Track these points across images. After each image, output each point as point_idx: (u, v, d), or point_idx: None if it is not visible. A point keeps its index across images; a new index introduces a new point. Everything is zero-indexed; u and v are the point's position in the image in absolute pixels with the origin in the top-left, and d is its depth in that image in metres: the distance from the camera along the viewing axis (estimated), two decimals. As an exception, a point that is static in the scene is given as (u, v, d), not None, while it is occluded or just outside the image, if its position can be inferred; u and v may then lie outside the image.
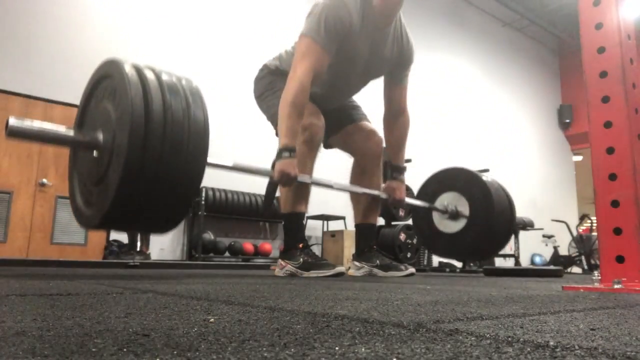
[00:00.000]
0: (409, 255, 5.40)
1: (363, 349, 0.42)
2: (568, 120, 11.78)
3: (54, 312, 0.63)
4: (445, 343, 0.45)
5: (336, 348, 0.42)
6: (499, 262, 6.76)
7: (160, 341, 0.43)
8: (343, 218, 6.23)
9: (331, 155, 2.66)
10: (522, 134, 10.77)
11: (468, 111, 9.53)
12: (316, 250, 5.70)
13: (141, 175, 1.46)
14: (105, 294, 0.94)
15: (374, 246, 2.54)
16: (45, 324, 0.53)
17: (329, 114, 2.39)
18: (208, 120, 1.61)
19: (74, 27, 5.40)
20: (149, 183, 1.48)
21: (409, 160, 2.76)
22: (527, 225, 6.42)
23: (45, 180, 4.99)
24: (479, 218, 2.84)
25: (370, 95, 2.70)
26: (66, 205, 2.02)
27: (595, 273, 1.41)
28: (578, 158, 12.15)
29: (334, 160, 2.75)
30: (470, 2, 10.15)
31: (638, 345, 0.45)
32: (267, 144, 3.02)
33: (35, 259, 3.89)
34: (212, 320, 0.59)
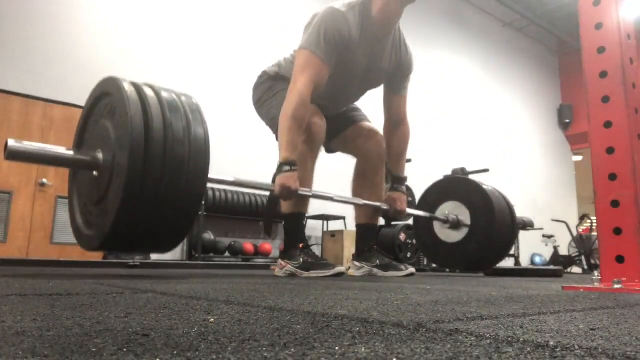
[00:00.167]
0: (409, 255, 5.40)
1: (363, 349, 0.42)
2: (568, 120, 11.77)
3: (54, 312, 0.63)
4: (445, 343, 0.45)
5: (336, 348, 0.42)
6: (499, 263, 6.75)
7: (160, 341, 0.43)
8: (343, 218, 6.23)
9: (332, 159, 2.65)
10: (522, 133, 10.77)
11: (468, 111, 9.53)
12: (316, 250, 5.69)
13: (142, 195, 1.44)
14: (105, 294, 0.94)
15: (374, 246, 2.54)
16: (45, 324, 0.53)
17: (329, 120, 2.37)
18: (209, 137, 1.60)
19: (74, 27, 5.40)
20: (150, 202, 1.47)
21: (409, 160, 2.75)
22: (527, 225, 6.42)
23: (45, 180, 4.98)
24: (480, 227, 2.83)
25: (371, 103, 2.70)
26: (66, 205, 2.00)
27: (595, 273, 1.41)
28: (578, 158, 12.14)
29: (335, 162, 2.74)
30: (470, 2, 10.14)
31: (638, 345, 0.45)
32: (268, 154, 3.01)
33: (35, 259, 3.89)
34: (212, 320, 0.58)
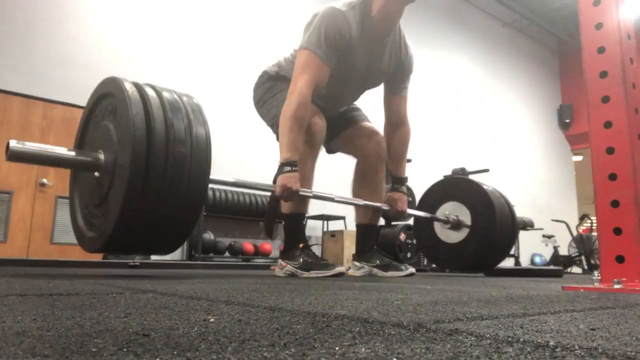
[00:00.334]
0: (409, 255, 5.40)
1: (363, 349, 0.42)
2: (568, 120, 11.76)
3: (54, 312, 0.63)
4: (445, 343, 0.45)
5: (336, 348, 0.42)
6: (499, 263, 6.75)
7: (160, 341, 0.43)
8: (343, 218, 6.23)
9: (332, 159, 2.64)
10: (522, 133, 10.76)
11: (468, 111, 9.53)
12: (316, 250, 5.69)
13: (144, 195, 1.44)
14: (105, 294, 0.94)
15: (375, 246, 2.53)
16: (45, 324, 0.53)
17: (329, 120, 2.36)
18: (210, 138, 1.59)
19: (74, 27, 5.40)
20: (152, 203, 1.46)
21: (409, 161, 2.75)
22: (527, 225, 6.42)
23: (45, 180, 4.98)
24: (480, 227, 2.83)
25: (371, 103, 2.69)
26: (66, 205, 1.99)
27: (595, 273, 1.41)
28: (578, 158, 12.14)
29: (335, 162, 2.74)
30: (470, 2, 10.14)
31: (638, 345, 0.45)
32: (268, 154, 3.00)
33: (35, 259, 3.89)
34: (212, 320, 0.58)
